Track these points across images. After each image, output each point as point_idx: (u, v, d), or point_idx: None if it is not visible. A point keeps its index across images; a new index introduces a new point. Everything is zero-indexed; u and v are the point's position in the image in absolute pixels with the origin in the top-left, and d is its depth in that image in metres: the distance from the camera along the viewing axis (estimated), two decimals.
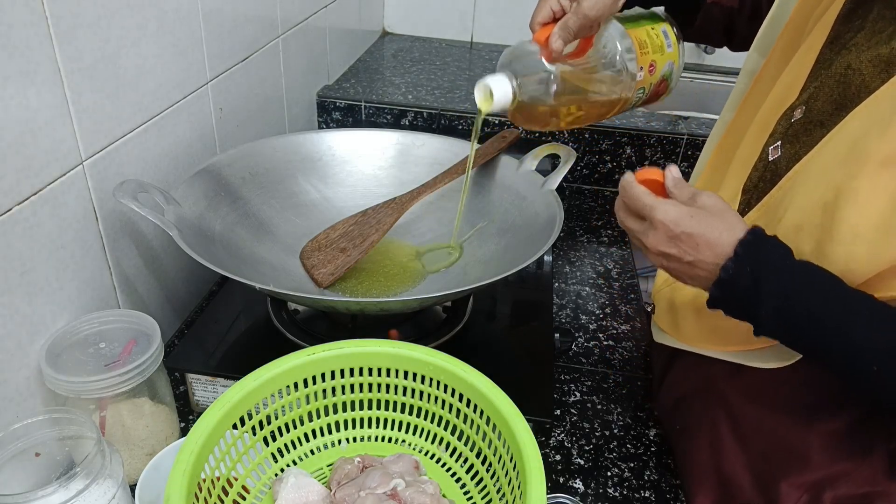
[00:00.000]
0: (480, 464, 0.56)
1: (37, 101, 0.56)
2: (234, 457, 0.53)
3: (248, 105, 0.96)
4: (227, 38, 0.88)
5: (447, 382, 0.56)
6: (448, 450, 0.59)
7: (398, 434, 0.61)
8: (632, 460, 0.70)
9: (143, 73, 0.70)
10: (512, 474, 0.50)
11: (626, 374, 0.81)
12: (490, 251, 0.79)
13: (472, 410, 0.55)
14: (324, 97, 1.27)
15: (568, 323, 0.89)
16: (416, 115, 1.26)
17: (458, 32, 1.73)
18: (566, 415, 0.74)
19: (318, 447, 0.60)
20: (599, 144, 1.24)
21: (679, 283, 0.58)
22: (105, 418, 0.59)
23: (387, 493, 0.52)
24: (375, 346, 0.57)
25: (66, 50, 0.58)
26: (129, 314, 0.63)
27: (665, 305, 0.72)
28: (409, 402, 0.59)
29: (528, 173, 0.81)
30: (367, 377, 0.59)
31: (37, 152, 0.56)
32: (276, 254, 0.78)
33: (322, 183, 0.87)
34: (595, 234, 1.11)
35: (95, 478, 0.50)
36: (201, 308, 0.82)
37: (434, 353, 0.56)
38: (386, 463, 0.56)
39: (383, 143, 0.89)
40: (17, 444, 0.52)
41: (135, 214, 0.71)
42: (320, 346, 0.57)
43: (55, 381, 0.56)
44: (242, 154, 0.82)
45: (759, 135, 0.64)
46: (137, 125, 0.71)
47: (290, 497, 0.53)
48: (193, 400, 0.71)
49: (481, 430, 0.55)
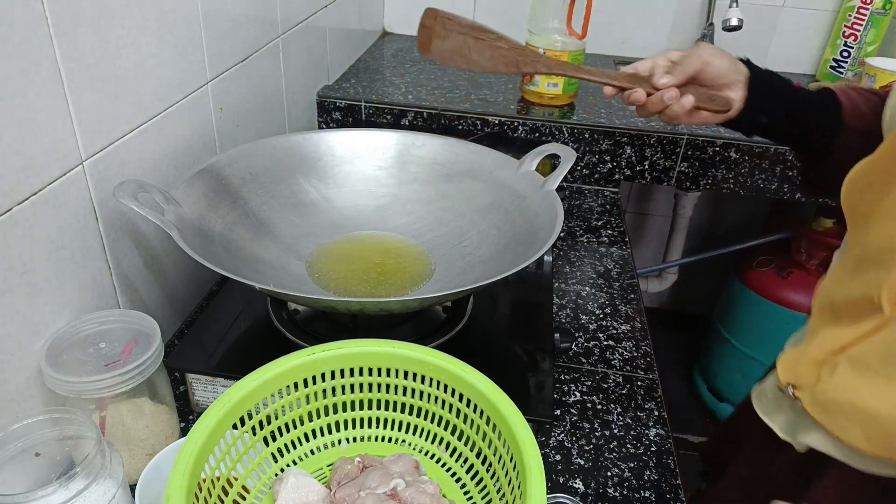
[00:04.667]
0: (480, 464, 0.56)
1: (37, 100, 0.56)
2: (234, 457, 0.53)
3: (248, 105, 0.96)
4: (227, 38, 0.87)
5: (447, 382, 0.56)
6: (448, 450, 0.59)
7: (398, 434, 0.61)
8: (632, 460, 0.70)
9: (143, 73, 0.70)
10: (512, 474, 0.50)
11: (626, 374, 0.81)
12: (490, 251, 0.79)
13: (473, 410, 0.55)
14: (324, 97, 1.27)
15: (568, 323, 0.89)
16: (416, 115, 1.26)
17: None
18: (566, 415, 0.74)
19: (319, 447, 0.60)
20: (599, 144, 1.24)
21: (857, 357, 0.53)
22: (105, 418, 0.59)
23: (387, 493, 0.52)
24: (375, 346, 0.57)
25: (66, 50, 0.58)
26: (129, 314, 0.63)
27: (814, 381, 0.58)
28: (410, 401, 0.59)
29: (528, 173, 0.81)
30: (367, 377, 0.59)
31: (37, 152, 0.56)
32: (276, 254, 0.78)
33: (322, 183, 0.87)
34: (595, 234, 1.11)
35: (95, 478, 0.50)
36: (201, 308, 0.82)
37: (434, 353, 0.56)
38: (386, 463, 0.56)
39: (383, 143, 0.89)
40: (17, 444, 0.52)
41: (135, 214, 0.71)
42: (320, 346, 0.57)
43: (55, 381, 0.56)
44: (242, 154, 0.82)
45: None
46: (137, 125, 0.71)
47: (290, 497, 0.53)
48: (193, 400, 0.71)
49: (481, 430, 0.55)
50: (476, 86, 1.40)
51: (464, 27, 0.65)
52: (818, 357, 0.59)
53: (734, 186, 1.27)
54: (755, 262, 1.70)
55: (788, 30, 1.66)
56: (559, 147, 0.80)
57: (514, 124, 1.25)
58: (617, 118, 1.28)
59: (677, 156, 1.24)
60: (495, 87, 1.39)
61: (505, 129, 1.25)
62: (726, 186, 1.27)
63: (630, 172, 1.27)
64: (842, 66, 1.61)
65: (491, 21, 1.71)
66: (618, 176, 1.27)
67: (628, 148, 1.24)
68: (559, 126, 1.24)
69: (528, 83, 1.34)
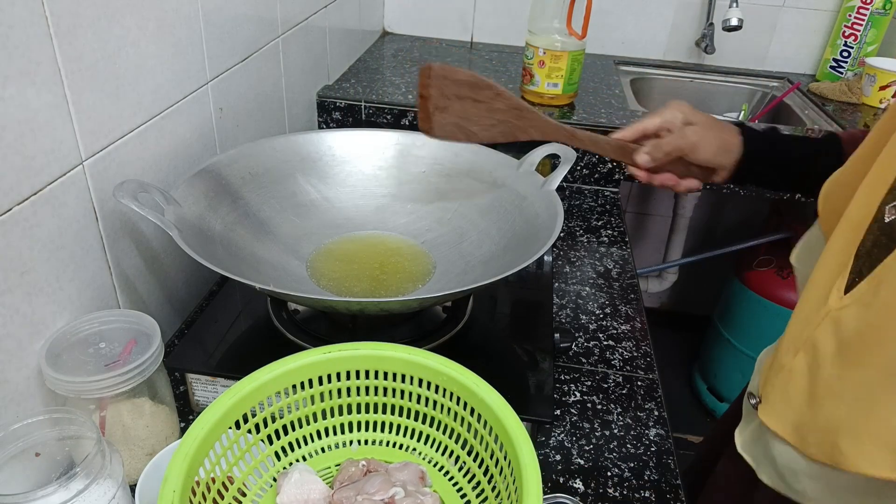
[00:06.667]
0: (487, 482, 0.55)
1: (37, 101, 0.56)
2: (236, 453, 0.53)
3: (248, 105, 0.97)
4: (227, 38, 0.88)
5: (459, 394, 0.56)
6: (457, 464, 0.58)
7: (409, 441, 0.60)
8: (632, 460, 0.70)
9: (143, 73, 0.70)
10: (514, 497, 0.49)
11: (626, 374, 0.81)
12: (490, 251, 0.79)
13: (483, 426, 0.55)
14: (324, 97, 1.27)
15: (568, 323, 0.89)
16: (416, 115, 1.26)
17: (458, 32, 1.73)
18: (566, 415, 0.74)
19: (330, 446, 0.60)
20: None
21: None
22: (105, 418, 0.59)
23: (384, 501, 0.52)
24: (391, 351, 0.57)
25: (66, 50, 0.58)
26: (129, 314, 0.63)
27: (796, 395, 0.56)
28: (423, 410, 0.59)
29: (528, 173, 0.81)
30: (383, 381, 0.58)
31: (37, 152, 0.56)
32: (276, 254, 0.78)
33: (322, 183, 0.87)
34: (595, 234, 1.11)
35: (95, 478, 0.50)
36: (201, 308, 0.82)
37: (448, 363, 0.56)
38: (391, 469, 0.56)
39: (383, 143, 0.89)
40: (17, 444, 0.52)
41: (135, 214, 0.71)
42: (335, 345, 0.57)
43: (55, 381, 0.56)
44: (242, 154, 0.82)
45: (873, 192, 0.54)
46: (137, 125, 0.71)
47: (292, 492, 0.53)
48: (193, 400, 0.71)
49: (490, 448, 0.54)
50: None
51: (461, 86, 0.63)
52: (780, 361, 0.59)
53: (734, 186, 1.27)
54: (755, 262, 1.70)
55: (788, 30, 1.66)
56: (559, 147, 0.80)
57: None
58: (617, 118, 1.28)
59: None
60: None
61: None
62: (726, 186, 1.27)
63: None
64: (842, 66, 1.61)
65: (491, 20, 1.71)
66: (618, 176, 1.27)
67: None
68: None
69: (527, 83, 1.34)
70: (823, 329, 0.53)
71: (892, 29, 1.58)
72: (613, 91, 1.45)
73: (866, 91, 1.50)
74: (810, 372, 0.54)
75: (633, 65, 1.69)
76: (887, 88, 1.47)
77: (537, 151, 0.82)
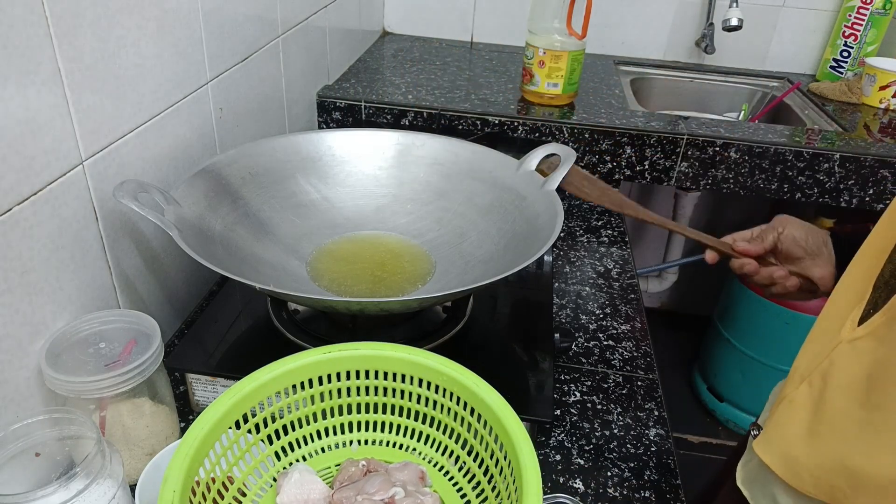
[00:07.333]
0: (487, 482, 0.55)
1: (37, 101, 0.56)
2: (236, 453, 0.53)
3: (248, 105, 0.97)
4: (227, 38, 0.88)
5: (459, 394, 0.55)
6: (457, 464, 0.58)
7: (409, 441, 0.60)
8: (632, 460, 0.70)
9: (143, 73, 0.70)
10: (514, 497, 0.49)
11: (626, 374, 0.81)
12: (490, 251, 0.79)
13: (483, 426, 0.54)
14: (324, 97, 1.27)
15: (568, 323, 0.89)
16: (416, 115, 1.26)
17: (458, 32, 1.73)
18: (566, 415, 0.74)
19: (330, 446, 0.60)
20: (599, 144, 1.24)
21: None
22: (105, 418, 0.59)
23: (384, 501, 0.52)
24: (391, 351, 0.57)
25: (66, 50, 0.58)
26: (129, 314, 0.63)
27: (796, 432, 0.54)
28: (423, 410, 0.59)
29: (528, 173, 0.81)
30: (382, 381, 0.58)
31: (37, 152, 0.56)
32: (276, 254, 0.78)
33: (322, 183, 0.87)
34: (595, 234, 1.11)
35: (95, 478, 0.50)
36: (201, 308, 0.82)
37: (448, 363, 0.56)
38: (391, 470, 0.56)
39: (383, 143, 0.89)
40: (17, 444, 0.52)
41: (135, 214, 0.71)
42: (335, 345, 0.57)
43: (55, 381, 0.56)
44: (242, 154, 0.82)
45: (893, 220, 0.53)
46: (137, 125, 0.71)
47: (292, 491, 0.53)
48: (193, 400, 0.71)
49: (489, 448, 0.54)
50: (476, 86, 1.40)
51: (589, 178, 0.80)
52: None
53: (734, 186, 1.27)
54: None
55: (788, 30, 1.66)
56: (559, 147, 0.80)
57: (514, 124, 1.25)
58: (617, 118, 1.28)
59: (677, 156, 1.24)
60: (495, 88, 1.39)
61: (505, 129, 1.25)
62: (726, 186, 1.27)
63: (630, 172, 1.27)
64: (842, 65, 1.61)
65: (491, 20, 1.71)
66: (618, 176, 1.27)
67: (628, 148, 1.24)
68: (559, 126, 1.24)
69: (527, 83, 1.34)
70: (833, 360, 0.51)
71: (892, 29, 1.58)
72: (613, 91, 1.45)
73: (866, 91, 1.50)
74: (814, 404, 0.52)
75: (633, 65, 1.69)
76: (887, 88, 1.47)
77: (537, 151, 0.82)
